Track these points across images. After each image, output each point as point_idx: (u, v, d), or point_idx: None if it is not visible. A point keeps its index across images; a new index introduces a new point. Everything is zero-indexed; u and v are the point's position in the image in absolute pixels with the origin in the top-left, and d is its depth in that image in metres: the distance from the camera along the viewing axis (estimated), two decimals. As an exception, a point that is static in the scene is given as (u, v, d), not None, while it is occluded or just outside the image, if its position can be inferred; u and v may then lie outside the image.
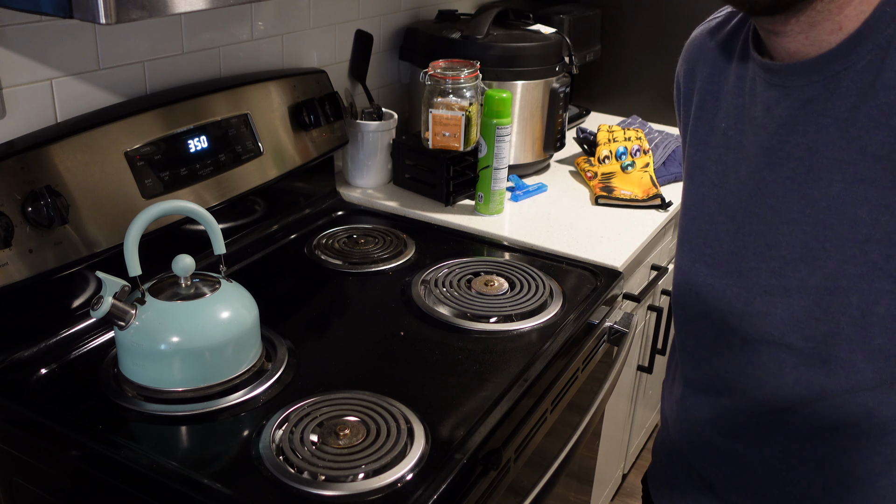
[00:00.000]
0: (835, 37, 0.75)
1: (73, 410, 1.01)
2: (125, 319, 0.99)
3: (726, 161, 0.87)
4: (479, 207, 1.64)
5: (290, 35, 1.60)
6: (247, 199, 1.44)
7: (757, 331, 0.84)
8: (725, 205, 0.87)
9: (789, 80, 0.80)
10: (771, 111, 0.82)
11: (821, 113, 0.77)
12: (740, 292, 0.85)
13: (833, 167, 0.76)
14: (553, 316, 1.26)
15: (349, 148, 1.71)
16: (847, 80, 0.75)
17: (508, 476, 1.06)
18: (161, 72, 1.34)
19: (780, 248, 0.81)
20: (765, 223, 0.82)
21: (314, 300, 1.31)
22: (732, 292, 0.86)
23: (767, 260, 0.82)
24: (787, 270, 0.81)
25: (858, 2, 0.74)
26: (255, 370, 1.07)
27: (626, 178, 1.79)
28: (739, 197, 0.85)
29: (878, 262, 0.75)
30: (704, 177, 0.90)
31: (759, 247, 0.83)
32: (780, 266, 0.81)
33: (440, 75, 1.57)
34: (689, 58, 0.96)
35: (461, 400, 1.05)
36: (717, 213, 0.88)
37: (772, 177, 0.82)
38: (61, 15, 0.85)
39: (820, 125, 0.77)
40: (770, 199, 0.82)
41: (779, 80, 0.81)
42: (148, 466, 0.91)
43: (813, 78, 0.78)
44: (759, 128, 0.83)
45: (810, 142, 0.78)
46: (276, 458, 0.91)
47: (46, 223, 1.07)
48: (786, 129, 0.80)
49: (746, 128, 0.85)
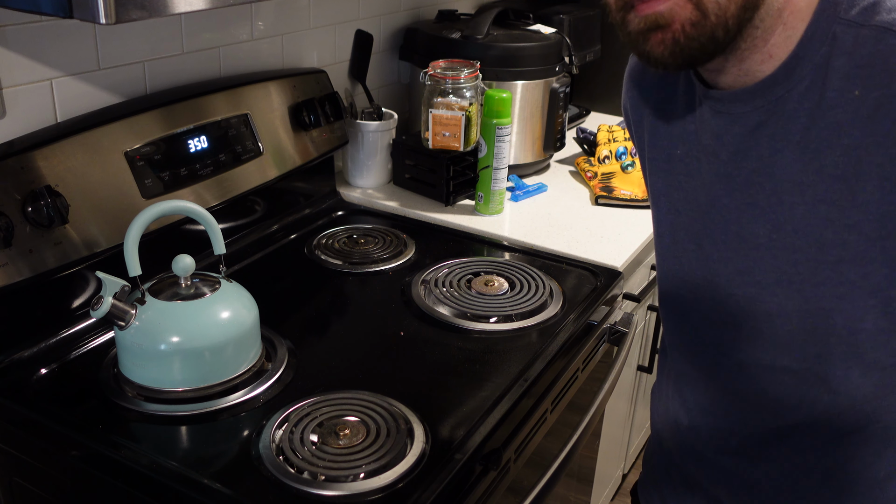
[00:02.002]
0: (767, 65, 0.75)
1: (73, 410, 1.01)
2: (125, 319, 0.99)
3: (687, 188, 0.86)
4: (479, 207, 1.64)
5: (290, 35, 1.60)
6: (247, 199, 1.44)
7: (749, 356, 0.83)
8: (692, 231, 0.86)
9: (733, 107, 0.79)
10: (721, 138, 0.81)
11: (772, 137, 0.76)
12: (725, 319, 0.84)
13: (793, 190, 0.75)
14: (553, 316, 1.26)
15: (349, 148, 1.71)
16: (791, 102, 0.74)
17: (508, 476, 1.06)
18: (161, 72, 1.34)
19: (754, 274, 0.80)
20: (732, 250, 0.81)
21: (314, 300, 1.31)
22: (718, 319, 0.85)
23: (742, 287, 0.81)
24: (763, 296, 0.80)
25: (782, 29, 0.73)
26: (255, 370, 1.07)
27: (626, 178, 1.79)
28: (704, 224, 0.84)
29: (857, 282, 0.74)
30: (670, 205, 0.89)
31: (730, 273, 0.82)
32: (756, 292, 0.80)
33: (440, 75, 1.57)
34: (634, 85, 0.95)
35: (461, 400, 1.05)
36: (686, 240, 0.87)
37: (732, 204, 0.81)
38: (61, 15, 0.85)
39: (773, 149, 0.77)
40: (734, 225, 0.81)
41: (723, 107, 0.80)
42: (148, 466, 0.91)
43: (756, 104, 0.77)
44: (712, 155, 0.82)
45: (766, 166, 0.77)
46: (276, 458, 0.91)
47: (46, 223, 1.07)
48: (739, 155, 0.79)
49: (700, 154, 0.84)
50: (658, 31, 0.72)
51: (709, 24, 0.70)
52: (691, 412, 0.94)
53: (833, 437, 0.82)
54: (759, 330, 0.81)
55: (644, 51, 0.75)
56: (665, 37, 0.72)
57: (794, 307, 0.78)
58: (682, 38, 0.71)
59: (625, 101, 0.98)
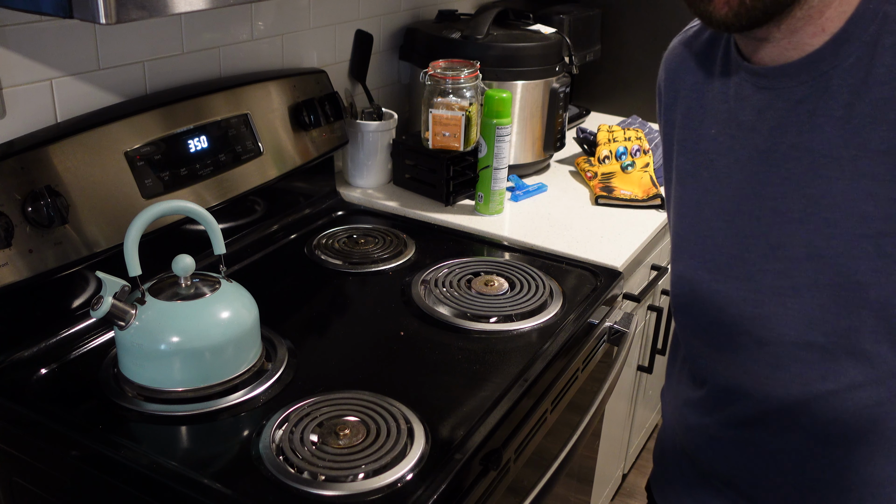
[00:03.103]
0: (818, 39, 0.76)
1: (73, 410, 1.01)
2: (125, 319, 0.99)
3: (718, 166, 0.87)
4: (479, 207, 1.64)
5: (290, 35, 1.60)
6: (247, 199, 1.44)
7: (771, 332, 0.84)
8: (723, 209, 0.87)
9: (778, 82, 0.80)
10: (763, 114, 0.82)
11: (813, 113, 0.78)
12: (749, 295, 0.85)
13: (832, 165, 0.77)
14: (553, 316, 1.26)
15: (349, 148, 1.71)
16: (836, 78, 0.76)
17: (508, 476, 1.06)
18: (161, 72, 1.34)
19: (786, 249, 0.81)
20: (767, 225, 0.82)
21: (314, 300, 1.31)
22: (740, 296, 0.86)
23: (773, 261, 0.82)
24: (794, 270, 0.80)
25: (838, 3, 0.75)
26: (255, 370, 1.07)
27: (626, 178, 1.79)
28: (737, 201, 0.85)
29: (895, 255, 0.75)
30: (698, 184, 0.90)
31: (762, 248, 0.83)
32: (786, 266, 0.81)
33: (440, 75, 1.57)
34: (670, 68, 0.96)
35: (461, 400, 1.05)
36: (714, 218, 0.88)
37: (769, 178, 0.82)
38: (61, 15, 0.85)
39: (814, 125, 0.78)
40: (770, 200, 0.82)
41: (767, 83, 0.81)
42: (148, 466, 0.91)
43: (802, 79, 0.78)
44: (751, 131, 0.83)
45: (805, 141, 0.78)
46: (276, 458, 0.91)
47: (46, 223, 1.07)
48: (779, 130, 0.81)
49: (737, 132, 0.85)
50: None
51: None
52: (708, 395, 0.95)
53: (857, 410, 0.82)
54: (785, 304, 0.82)
55: (706, 11, 0.76)
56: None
57: (826, 281, 0.79)
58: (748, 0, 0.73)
59: (660, 80, 0.99)
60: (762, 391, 0.87)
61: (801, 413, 0.86)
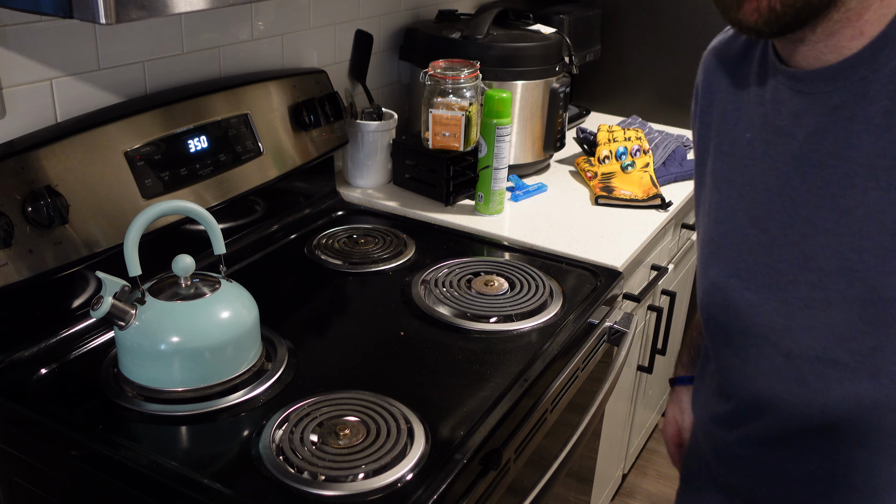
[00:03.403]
0: (856, 42, 0.73)
1: (73, 410, 1.01)
2: (125, 319, 0.99)
3: (753, 172, 0.85)
4: (479, 207, 1.64)
5: (290, 35, 1.60)
6: (247, 199, 1.44)
7: (800, 346, 0.81)
8: (756, 217, 0.84)
9: (815, 86, 0.77)
10: (799, 119, 0.79)
11: (851, 119, 0.75)
12: (780, 306, 0.82)
13: (867, 174, 0.74)
14: (553, 316, 1.26)
15: (349, 148, 1.71)
16: (876, 84, 0.73)
17: (508, 476, 1.06)
18: (161, 72, 1.34)
19: (818, 260, 0.78)
20: (799, 234, 0.79)
21: (314, 300, 1.31)
22: (772, 306, 0.83)
23: (805, 272, 0.79)
24: (826, 282, 0.78)
25: (878, 6, 0.71)
26: (255, 370, 1.07)
27: (626, 178, 1.79)
28: (771, 208, 0.82)
29: None
30: (732, 189, 0.87)
31: (795, 259, 0.80)
32: (818, 278, 0.78)
33: (440, 75, 1.57)
34: (707, 69, 0.94)
35: (461, 400, 1.05)
36: (748, 225, 0.85)
37: (803, 186, 0.79)
38: (61, 15, 0.85)
39: (850, 132, 0.75)
40: (803, 209, 0.79)
41: (804, 87, 0.78)
42: (148, 466, 0.91)
43: (839, 83, 0.75)
44: (787, 136, 0.80)
45: (841, 149, 0.75)
46: (276, 458, 0.91)
47: (46, 223, 1.07)
48: (815, 136, 0.78)
49: (772, 137, 0.82)
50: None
51: None
52: (734, 410, 0.92)
53: (880, 436, 0.79)
54: (815, 318, 0.79)
55: (736, 18, 0.74)
56: (760, 5, 0.71)
57: (855, 295, 0.76)
58: (779, 6, 0.71)
59: (698, 81, 0.96)
60: (786, 408, 0.85)
61: (822, 435, 0.83)
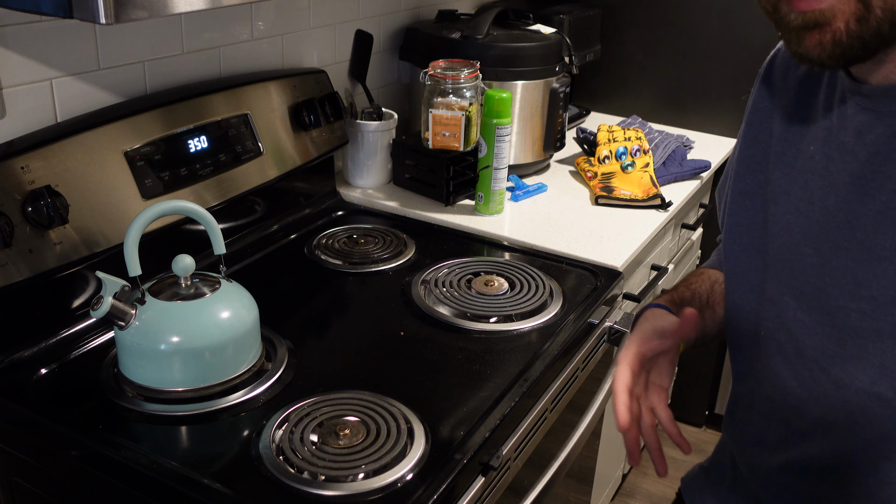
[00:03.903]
0: None
1: (73, 410, 1.01)
2: (125, 319, 0.99)
3: (812, 187, 0.81)
4: (479, 207, 1.64)
5: (290, 35, 1.60)
6: (247, 199, 1.44)
7: (849, 375, 0.77)
8: (810, 235, 0.80)
9: (882, 104, 0.73)
10: (862, 137, 0.75)
11: None
12: (831, 332, 0.78)
13: None
14: (553, 316, 1.26)
15: (349, 148, 1.71)
16: None
17: (508, 476, 1.06)
18: (161, 72, 1.34)
19: (871, 288, 0.74)
20: (853, 259, 0.75)
21: (314, 300, 1.31)
22: (824, 331, 0.79)
23: (857, 300, 0.75)
24: (878, 313, 0.74)
25: None
26: (255, 370, 1.07)
27: (626, 178, 1.79)
28: (826, 228, 0.78)
29: None
30: (790, 203, 0.83)
31: (846, 284, 0.76)
32: (870, 307, 0.74)
33: (440, 75, 1.57)
34: (778, 72, 0.89)
35: (461, 400, 1.05)
36: (803, 243, 0.81)
37: (862, 210, 0.75)
38: (61, 15, 0.85)
39: None
40: (860, 233, 0.75)
41: (871, 104, 0.75)
42: (148, 466, 0.91)
43: None
44: (849, 154, 0.77)
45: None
46: (276, 458, 0.91)
47: (46, 223, 1.07)
48: (878, 157, 0.74)
49: (835, 153, 0.78)
50: (816, 30, 0.67)
51: (874, 18, 0.65)
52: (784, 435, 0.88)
53: None
54: (866, 349, 0.75)
55: (797, 51, 0.70)
56: (824, 38, 0.67)
57: None
58: (845, 38, 0.67)
59: (758, 88, 0.91)
60: (832, 440, 0.81)
61: (865, 474, 0.79)
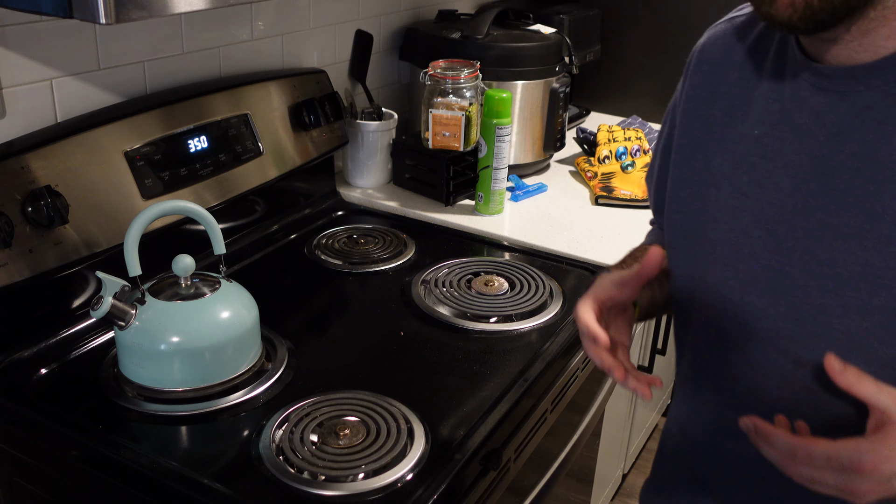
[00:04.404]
0: (892, 42, 0.71)
1: (73, 410, 1.01)
2: (125, 319, 0.99)
3: (760, 171, 0.81)
4: (479, 207, 1.64)
5: (290, 35, 1.60)
6: (247, 199, 1.44)
7: (811, 353, 0.78)
8: (762, 218, 0.80)
9: (843, 84, 0.74)
10: (821, 117, 0.76)
11: (882, 121, 0.72)
12: (787, 312, 0.78)
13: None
14: (553, 316, 1.26)
15: (349, 148, 1.71)
16: None
17: (508, 476, 1.06)
18: (161, 72, 1.34)
19: (835, 265, 0.74)
20: (814, 239, 0.76)
21: (314, 300, 1.31)
22: (778, 311, 0.79)
23: (819, 278, 0.76)
24: (844, 289, 0.74)
25: None
26: (255, 370, 1.07)
27: (626, 178, 1.79)
28: (781, 210, 0.79)
29: None
30: (734, 187, 0.83)
31: (807, 263, 0.76)
32: (835, 284, 0.74)
33: (440, 75, 1.57)
34: (710, 60, 0.89)
35: (461, 400, 1.05)
36: (752, 226, 0.81)
37: (821, 189, 0.75)
38: (61, 15, 0.85)
39: (881, 134, 0.72)
40: (820, 212, 0.75)
41: (831, 84, 0.75)
42: (148, 466, 0.91)
43: (872, 83, 0.72)
44: (806, 135, 0.77)
45: (870, 152, 0.72)
46: (276, 458, 0.91)
47: (46, 223, 1.07)
48: (839, 137, 0.74)
49: (788, 135, 0.79)
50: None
51: None
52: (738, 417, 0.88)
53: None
54: (829, 325, 0.76)
55: (768, 12, 0.71)
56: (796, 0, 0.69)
57: (878, 303, 0.73)
58: (816, 2, 0.68)
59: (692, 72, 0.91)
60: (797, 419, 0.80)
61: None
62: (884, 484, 0.68)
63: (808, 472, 0.70)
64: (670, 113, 0.96)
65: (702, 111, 0.89)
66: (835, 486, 0.69)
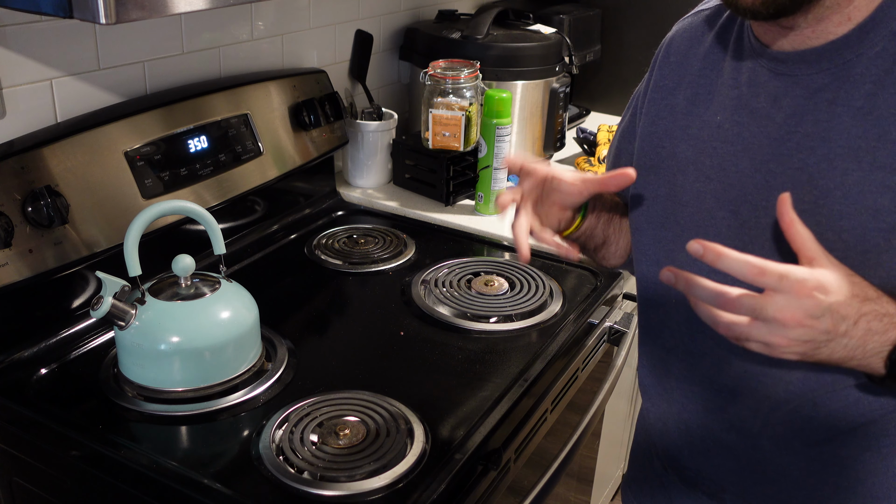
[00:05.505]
0: (843, 28, 0.75)
1: (73, 410, 1.01)
2: (125, 319, 0.99)
3: (723, 155, 0.85)
4: (479, 207, 1.64)
5: (290, 35, 1.60)
6: (247, 199, 1.44)
7: None
8: (725, 199, 0.84)
9: (797, 68, 0.78)
10: (778, 101, 0.80)
11: (832, 101, 0.76)
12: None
13: (847, 156, 0.75)
14: (553, 316, 1.26)
15: (349, 148, 1.71)
16: (860, 67, 0.74)
17: (508, 476, 1.06)
18: (161, 72, 1.34)
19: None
20: (773, 216, 0.79)
21: (314, 300, 1.31)
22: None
23: (778, 255, 0.79)
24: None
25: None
26: (255, 370, 1.07)
27: (626, 178, 1.79)
28: (742, 191, 0.83)
29: None
30: (700, 172, 0.87)
31: (767, 241, 0.81)
32: (793, 261, 0.77)
33: (440, 75, 1.57)
34: (677, 51, 0.93)
35: (461, 400, 1.05)
36: (716, 208, 0.85)
37: (779, 168, 0.79)
38: (61, 15, 0.85)
39: (832, 114, 0.76)
40: (778, 190, 0.78)
41: (785, 69, 0.79)
42: (148, 466, 0.91)
43: (822, 66, 0.76)
44: (765, 119, 0.81)
45: (822, 131, 0.76)
46: (276, 458, 0.91)
47: (46, 223, 1.07)
48: (794, 118, 0.78)
49: (746, 120, 0.83)
50: None
51: None
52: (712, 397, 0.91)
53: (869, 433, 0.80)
54: None
55: (733, 1, 0.75)
56: None
57: None
58: None
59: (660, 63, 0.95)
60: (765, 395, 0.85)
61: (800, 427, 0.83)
62: (809, 330, 0.69)
63: (736, 326, 0.73)
64: (633, 101, 1.00)
65: (668, 100, 0.93)
66: (760, 340, 0.71)
